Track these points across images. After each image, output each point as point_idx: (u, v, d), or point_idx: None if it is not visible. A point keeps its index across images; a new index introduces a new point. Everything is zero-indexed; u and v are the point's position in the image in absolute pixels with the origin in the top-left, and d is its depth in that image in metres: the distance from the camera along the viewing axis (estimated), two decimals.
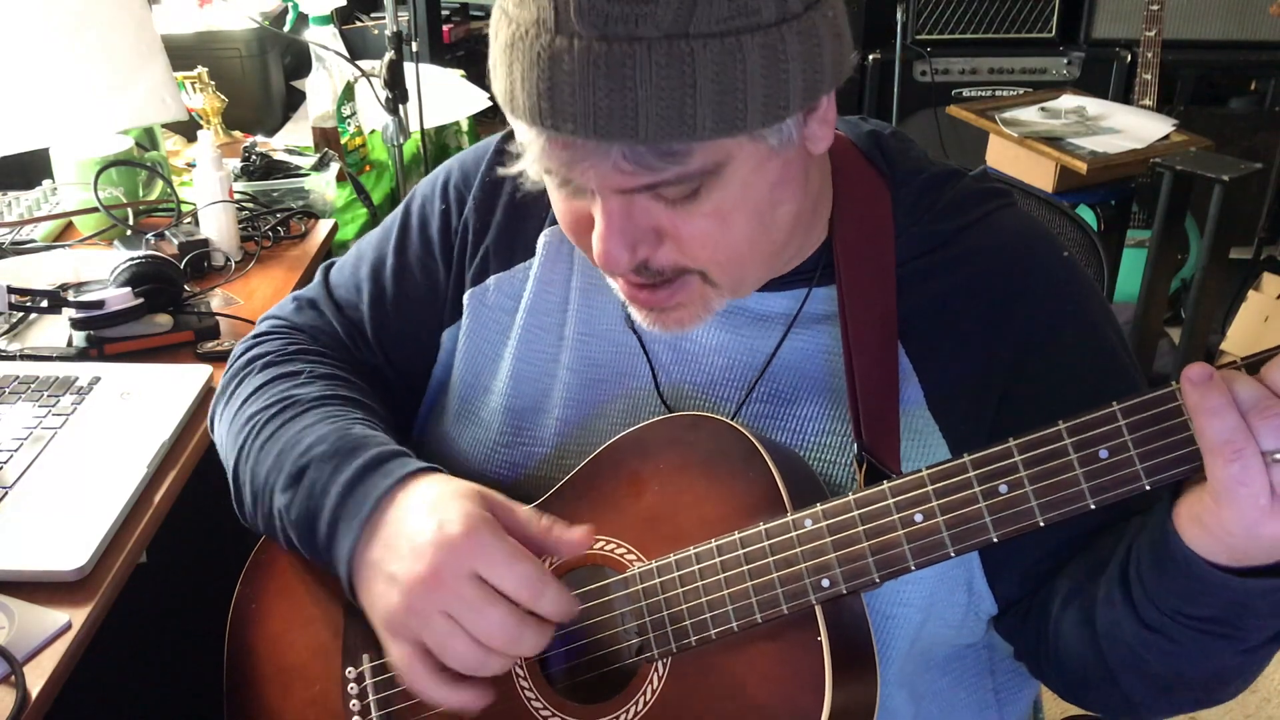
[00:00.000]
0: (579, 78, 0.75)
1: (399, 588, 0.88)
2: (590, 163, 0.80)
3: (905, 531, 0.82)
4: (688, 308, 0.90)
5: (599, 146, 0.78)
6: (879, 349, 0.94)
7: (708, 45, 0.75)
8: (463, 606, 0.86)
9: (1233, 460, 0.70)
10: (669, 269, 0.87)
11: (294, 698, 1.03)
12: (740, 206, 0.84)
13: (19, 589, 1.12)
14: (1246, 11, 3.64)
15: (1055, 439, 0.78)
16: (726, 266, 0.88)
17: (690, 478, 0.92)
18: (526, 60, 0.77)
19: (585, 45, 0.75)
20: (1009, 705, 1.05)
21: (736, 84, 0.76)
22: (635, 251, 0.85)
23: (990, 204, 1.01)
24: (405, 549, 0.89)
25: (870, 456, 0.91)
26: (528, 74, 0.78)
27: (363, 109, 2.35)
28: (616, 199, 0.83)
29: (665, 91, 0.75)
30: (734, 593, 0.87)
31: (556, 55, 0.76)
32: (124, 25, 1.86)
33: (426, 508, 0.90)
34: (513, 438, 1.05)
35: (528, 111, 0.79)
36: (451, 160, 1.16)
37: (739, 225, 0.85)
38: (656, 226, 0.85)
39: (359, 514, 0.92)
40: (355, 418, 1.02)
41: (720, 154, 0.80)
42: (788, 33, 0.77)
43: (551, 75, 0.76)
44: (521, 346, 1.06)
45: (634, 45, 0.74)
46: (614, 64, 0.75)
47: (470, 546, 0.86)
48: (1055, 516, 0.78)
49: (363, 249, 1.17)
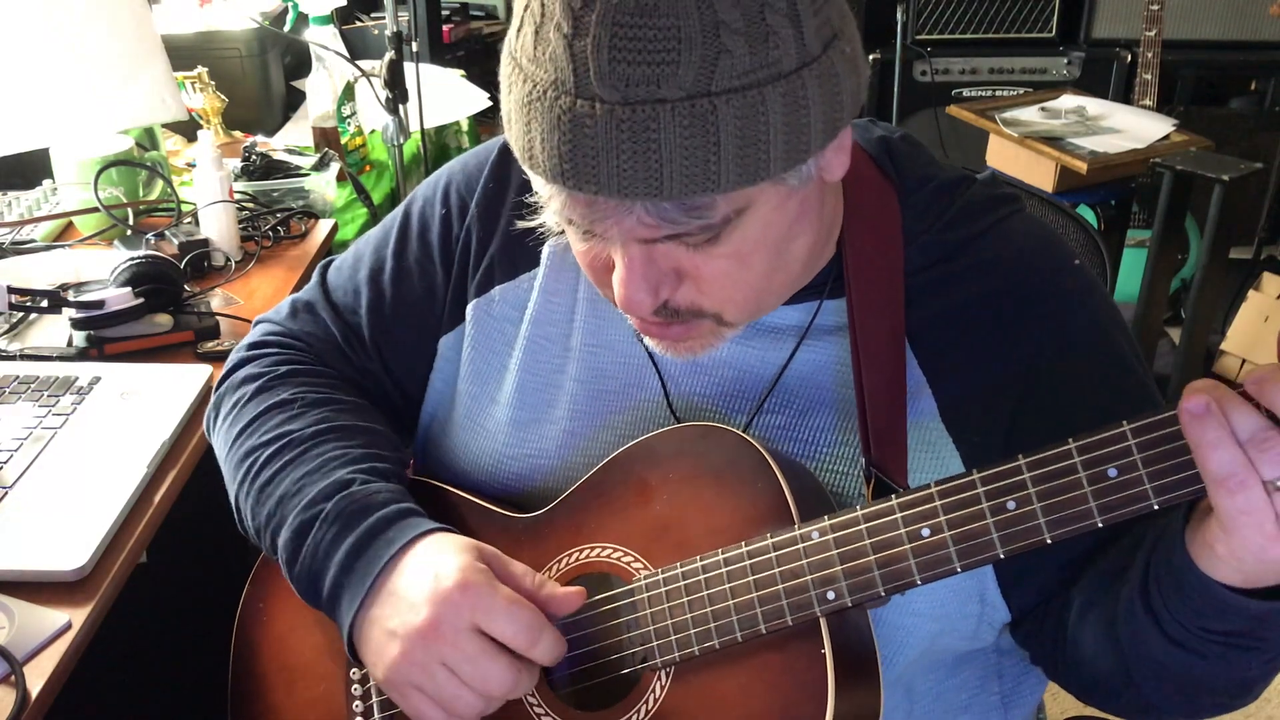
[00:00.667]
0: (602, 142, 0.75)
1: (398, 641, 0.90)
2: (614, 219, 0.80)
3: (912, 546, 0.82)
4: (699, 339, 0.91)
5: (622, 204, 0.78)
6: (888, 363, 0.94)
7: (730, 101, 0.74)
8: (461, 658, 0.88)
9: (1235, 492, 0.70)
10: (686, 309, 0.88)
11: (298, 697, 1.03)
12: (760, 246, 0.85)
13: (19, 589, 1.12)
14: (1246, 11, 3.65)
15: (1064, 457, 0.78)
16: (743, 305, 0.89)
17: (698, 488, 0.92)
18: (546, 122, 0.77)
19: (608, 110, 0.74)
20: (1015, 708, 1.05)
21: (760, 135, 0.76)
22: (657, 294, 0.85)
23: (1001, 210, 1.01)
24: (404, 605, 0.90)
25: (878, 472, 0.91)
26: (548, 136, 0.77)
27: (363, 109, 2.35)
28: (638, 247, 0.83)
29: (689, 150, 0.75)
30: (739, 603, 0.87)
31: (579, 120, 0.75)
32: (124, 25, 1.86)
33: (424, 566, 0.91)
34: (518, 449, 1.05)
35: (549, 170, 0.79)
36: (453, 163, 1.15)
37: (758, 264, 0.86)
38: (677, 267, 0.85)
39: (363, 583, 0.93)
40: (354, 454, 1.01)
41: (743, 200, 0.80)
42: (808, 77, 0.77)
43: (574, 139, 0.76)
44: (527, 358, 1.06)
45: (657, 108, 0.74)
46: (638, 128, 0.74)
47: (467, 599, 0.88)
48: (1062, 534, 0.78)
49: (361, 251, 1.16)
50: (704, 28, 0.73)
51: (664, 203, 0.77)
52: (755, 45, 0.74)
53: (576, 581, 0.95)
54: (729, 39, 0.74)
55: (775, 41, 0.75)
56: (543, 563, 0.97)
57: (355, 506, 0.96)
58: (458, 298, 1.10)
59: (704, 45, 0.73)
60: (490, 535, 1.01)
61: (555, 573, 0.97)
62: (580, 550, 0.96)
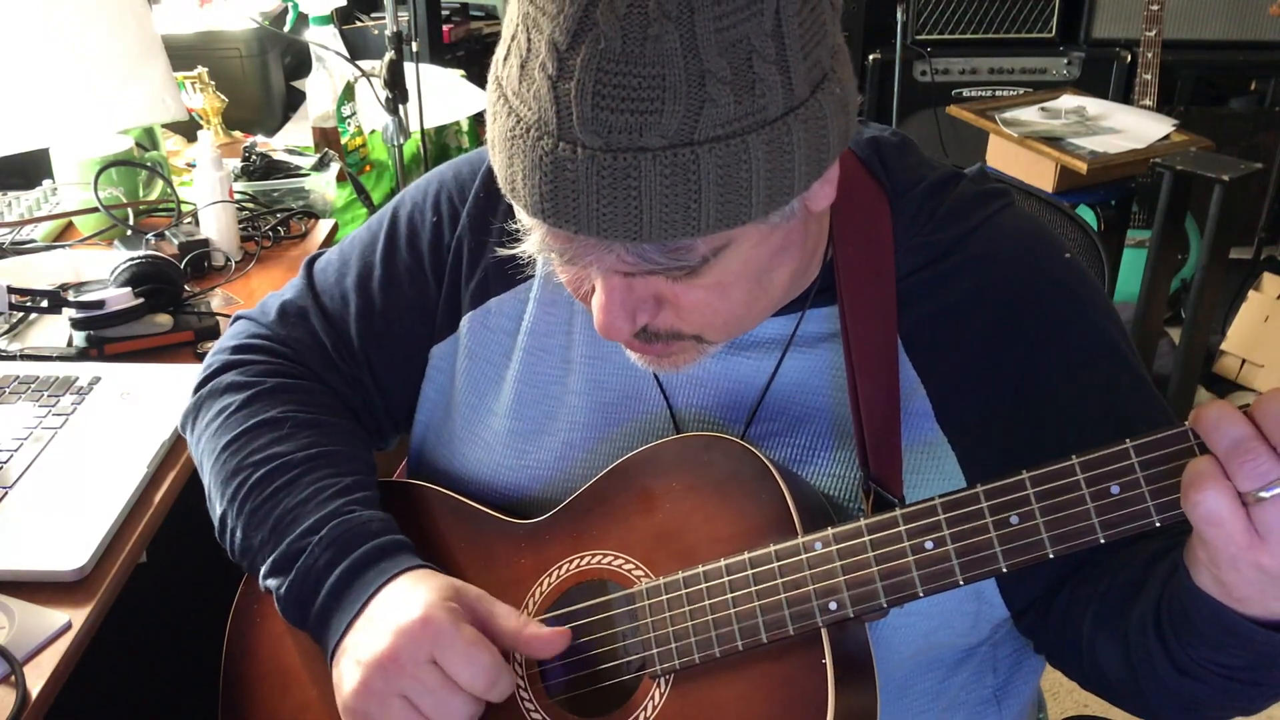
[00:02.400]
0: (583, 185, 0.75)
1: (360, 669, 0.90)
2: (594, 256, 0.80)
3: (915, 558, 0.82)
4: (681, 356, 0.92)
5: (601, 243, 0.78)
6: (883, 372, 0.94)
7: (712, 150, 0.74)
8: (420, 690, 0.88)
9: (1198, 504, 0.71)
10: (665, 332, 0.88)
11: (290, 700, 1.03)
12: (740, 278, 0.85)
13: (19, 589, 1.12)
14: (1246, 11, 3.65)
15: (1068, 473, 0.78)
16: (722, 329, 0.89)
17: (701, 497, 0.92)
18: (528, 160, 0.77)
19: (589, 155, 0.74)
20: (1008, 701, 1.05)
21: (742, 182, 0.75)
22: (635, 320, 0.85)
23: (989, 207, 1.01)
24: (372, 633, 0.91)
25: (876, 485, 0.91)
26: (530, 173, 0.77)
27: (363, 109, 2.35)
28: (618, 278, 0.83)
29: (669, 197, 0.74)
30: (740, 612, 0.87)
31: (560, 162, 0.75)
32: (124, 25, 1.86)
33: (397, 598, 0.92)
34: (517, 460, 1.05)
35: (529, 206, 0.78)
36: (444, 169, 1.14)
37: (737, 294, 0.86)
38: (657, 294, 0.85)
39: (352, 608, 0.94)
40: (345, 483, 1.01)
41: (723, 240, 0.80)
42: (793, 123, 0.75)
43: (555, 180, 0.75)
44: (525, 369, 1.06)
45: (638, 156, 0.73)
46: (619, 174, 0.74)
47: (428, 632, 0.88)
48: (1064, 549, 0.79)
49: (348, 254, 1.14)
50: (689, 77, 0.72)
51: (643, 244, 0.77)
52: (741, 94, 0.73)
53: (577, 588, 0.95)
54: (714, 88, 0.73)
55: (762, 89, 0.74)
56: (543, 569, 0.97)
57: (349, 535, 0.97)
58: (450, 307, 1.09)
59: (688, 95, 0.72)
60: (490, 541, 1.01)
61: (556, 578, 0.96)
62: (581, 557, 0.96)
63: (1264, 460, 0.69)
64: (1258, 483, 0.69)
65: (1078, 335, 0.96)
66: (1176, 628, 0.83)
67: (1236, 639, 0.78)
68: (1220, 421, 0.71)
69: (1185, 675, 0.84)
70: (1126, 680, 0.90)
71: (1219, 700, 0.85)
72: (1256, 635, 0.77)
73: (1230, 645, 0.79)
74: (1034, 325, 0.95)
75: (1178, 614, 0.82)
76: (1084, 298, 0.99)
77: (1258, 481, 0.69)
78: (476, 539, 1.02)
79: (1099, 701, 0.99)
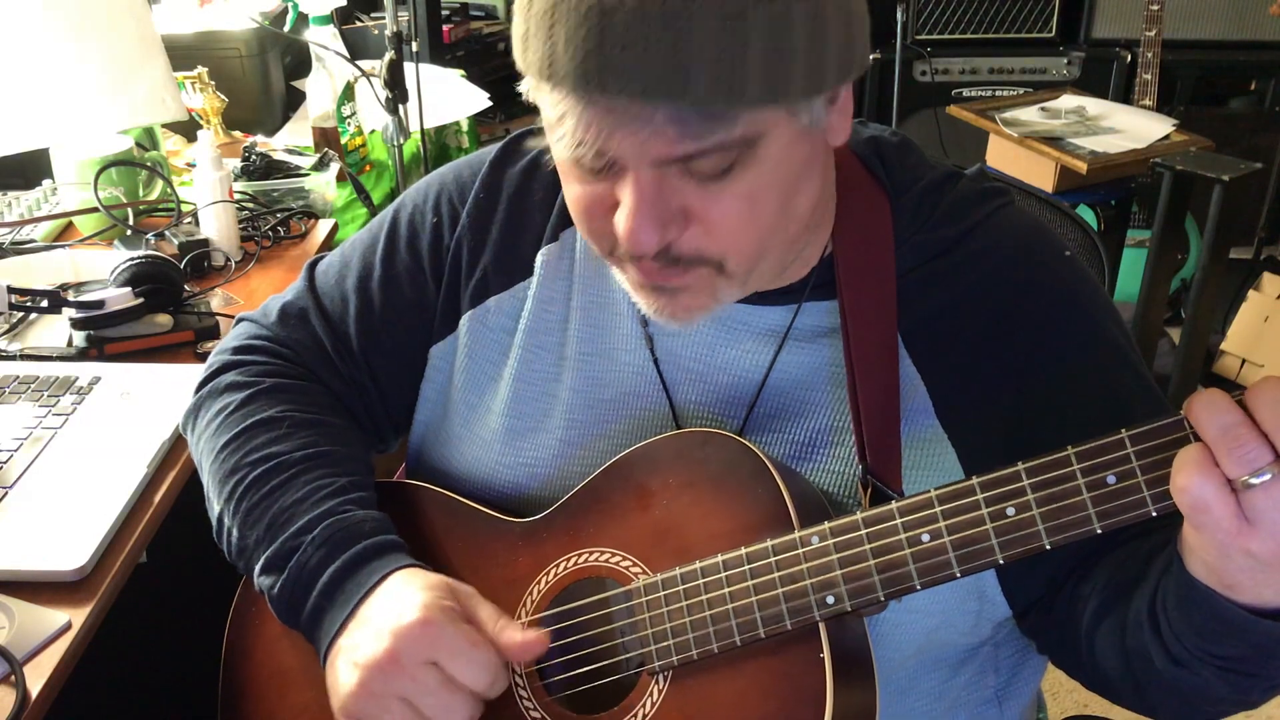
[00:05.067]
0: (632, 35, 0.74)
1: (358, 671, 0.90)
2: (632, 129, 0.78)
3: (912, 551, 0.82)
4: (697, 295, 0.89)
5: (643, 110, 0.77)
6: (883, 369, 0.94)
7: (759, 7, 0.75)
8: (420, 691, 0.88)
9: (1182, 492, 0.71)
10: (689, 255, 0.86)
11: (289, 701, 1.03)
12: (770, 188, 0.84)
13: (19, 589, 1.12)
14: (1246, 11, 3.65)
15: (1064, 464, 0.78)
16: (746, 251, 0.87)
17: (698, 493, 0.92)
18: (573, 20, 0.76)
19: (639, 2, 0.74)
20: (1009, 701, 1.05)
21: (784, 50, 0.76)
22: (664, 232, 0.83)
23: (988, 205, 1.01)
24: (369, 635, 0.90)
25: (875, 479, 0.92)
26: (574, 34, 0.76)
27: (363, 109, 2.35)
28: (649, 174, 0.81)
29: (717, 52, 0.74)
30: (738, 607, 0.87)
31: (608, 12, 0.74)
32: (124, 25, 1.86)
33: (392, 598, 0.92)
34: (513, 458, 1.05)
35: (571, 74, 0.77)
36: (444, 170, 1.14)
37: (766, 208, 0.85)
38: (685, 207, 0.83)
39: (345, 607, 0.94)
40: (341, 484, 1.01)
41: (760, 125, 0.80)
42: (828, 5, 0.78)
43: (602, 34, 0.75)
44: (521, 367, 1.05)
45: (689, 4, 0.74)
46: (669, 22, 0.74)
47: (428, 634, 0.88)
48: (1061, 540, 0.79)
49: (349, 255, 1.14)
50: None
51: (687, 109, 0.77)
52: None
53: (575, 585, 0.95)
54: None
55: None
56: (541, 566, 0.97)
57: (343, 534, 0.97)
58: (450, 307, 1.09)
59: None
60: (488, 540, 1.01)
61: (554, 576, 0.96)
62: (578, 554, 0.96)
63: (1253, 447, 0.69)
64: (1246, 469, 0.70)
65: (1077, 332, 0.96)
66: (1171, 618, 0.83)
67: (1228, 627, 0.78)
68: (1210, 409, 0.71)
69: (1181, 667, 0.84)
70: (1126, 676, 0.90)
71: (1216, 693, 0.85)
72: (1248, 623, 0.77)
73: (1222, 634, 0.79)
74: (1034, 322, 0.96)
75: (1172, 604, 0.82)
76: (1084, 295, 0.99)
77: (1246, 468, 0.70)
78: (474, 538, 1.02)
79: (1099, 701, 0.99)
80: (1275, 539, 0.70)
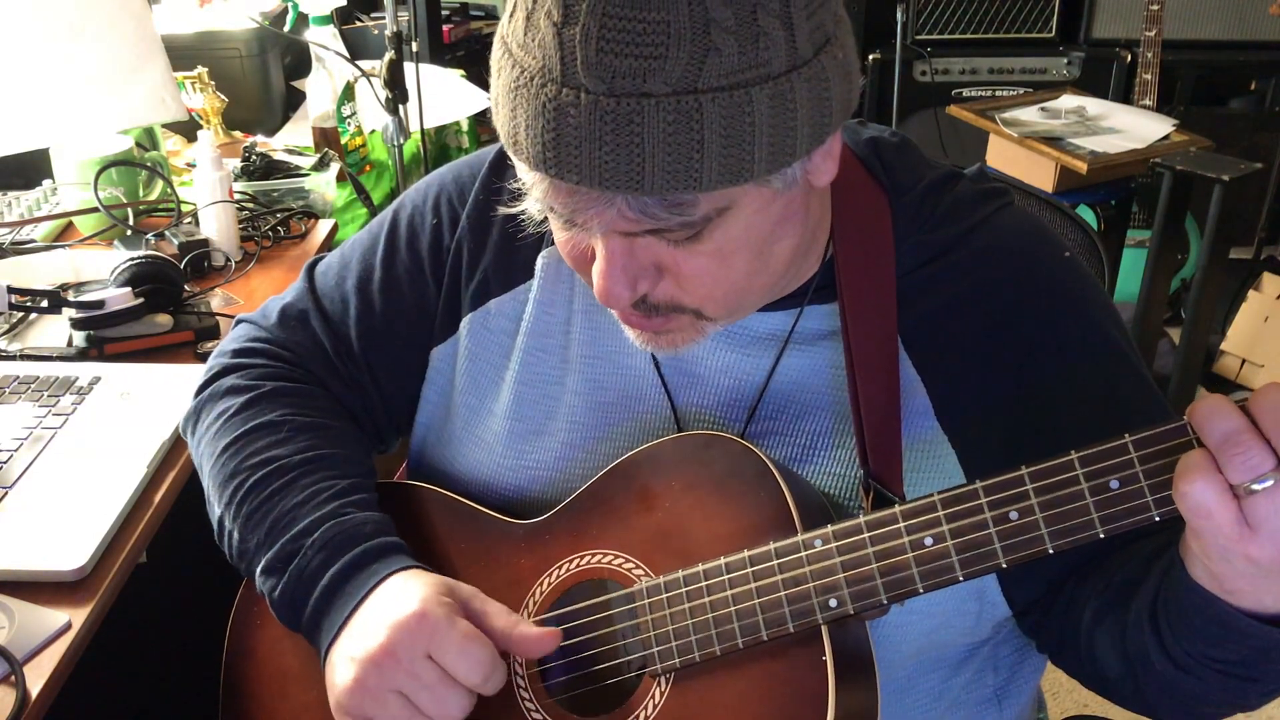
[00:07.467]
0: (585, 132, 0.74)
1: (354, 666, 0.90)
2: (595, 210, 0.79)
3: (915, 554, 0.83)
4: (681, 333, 0.91)
5: (603, 195, 0.78)
6: (883, 370, 0.94)
7: (716, 99, 0.74)
8: (416, 686, 0.88)
9: (1184, 497, 0.72)
10: (665, 304, 0.87)
11: (291, 701, 1.03)
12: (742, 246, 0.84)
13: (19, 589, 1.12)
14: (1246, 11, 3.65)
15: (1067, 468, 0.78)
16: (723, 302, 0.88)
17: (701, 495, 0.92)
18: (531, 109, 0.76)
19: (593, 100, 0.74)
20: (1009, 701, 1.05)
21: (744, 136, 0.75)
22: (635, 288, 0.85)
23: (988, 206, 1.01)
24: (365, 631, 0.91)
25: (876, 483, 0.92)
26: (532, 122, 0.77)
27: (363, 109, 2.35)
28: (619, 239, 0.83)
29: (672, 146, 0.74)
30: (741, 609, 0.87)
31: (563, 108, 0.75)
32: (124, 25, 1.86)
33: (390, 596, 0.92)
34: (516, 461, 1.05)
35: (532, 158, 0.78)
36: (444, 171, 1.14)
37: (739, 264, 0.85)
38: (658, 262, 0.85)
39: (344, 610, 0.94)
40: (341, 486, 1.01)
41: (725, 200, 0.80)
42: (796, 81, 0.76)
43: (557, 127, 0.75)
44: (523, 370, 1.05)
45: (641, 101, 0.73)
46: (621, 120, 0.74)
47: (424, 628, 0.88)
48: (1064, 544, 0.79)
49: (349, 257, 1.14)
50: (694, 24, 0.73)
51: (645, 197, 0.77)
52: (745, 45, 0.74)
53: (577, 587, 0.95)
54: (719, 37, 0.73)
55: (766, 43, 0.74)
56: (543, 568, 0.97)
57: (343, 537, 0.97)
58: (450, 309, 1.09)
59: (693, 42, 0.73)
60: (490, 542, 1.01)
61: (556, 578, 0.96)
62: (581, 556, 0.96)
63: (1255, 453, 0.70)
64: (1248, 475, 0.70)
65: (1077, 333, 0.96)
66: (1171, 621, 0.83)
67: (1229, 632, 0.78)
68: (1213, 414, 0.71)
69: (1181, 670, 0.84)
70: (1125, 677, 0.90)
71: (1216, 696, 0.85)
72: (1249, 628, 0.77)
73: (1223, 638, 0.79)
74: (1034, 323, 0.95)
75: (1173, 607, 0.82)
76: (1084, 296, 0.99)
77: (1248, 474, 0.70)
78: (476, 540, 1.02)
79: (1099, 701, 0.99)
80: (1276, 545, 0.71)
